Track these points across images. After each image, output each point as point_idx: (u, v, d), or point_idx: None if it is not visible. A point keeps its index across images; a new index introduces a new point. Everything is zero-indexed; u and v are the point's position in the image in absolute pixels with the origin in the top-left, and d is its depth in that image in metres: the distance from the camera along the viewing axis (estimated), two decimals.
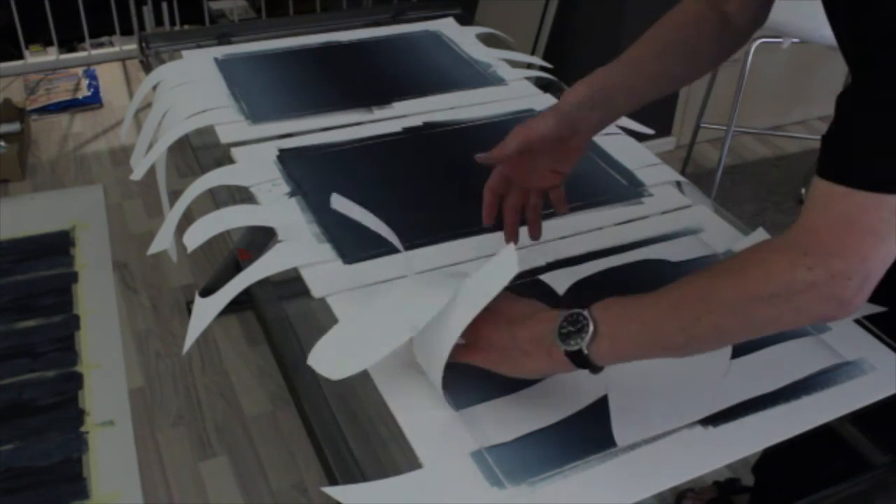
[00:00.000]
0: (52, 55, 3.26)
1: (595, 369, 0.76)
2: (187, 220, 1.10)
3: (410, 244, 1.07)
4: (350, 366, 0.82)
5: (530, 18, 2.68)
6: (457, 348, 0.81)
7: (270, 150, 1.26)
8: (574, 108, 0.93)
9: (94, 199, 2.48)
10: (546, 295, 0.99)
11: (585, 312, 0.74)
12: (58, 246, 2.24)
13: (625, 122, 1.40)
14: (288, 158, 1.24)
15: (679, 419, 0.83)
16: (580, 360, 0.75)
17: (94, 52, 3.32)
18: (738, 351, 0.92)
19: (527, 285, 1.01)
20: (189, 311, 2.00)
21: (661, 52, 0.97)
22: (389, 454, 0.81)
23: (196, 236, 1.06)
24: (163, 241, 1.15)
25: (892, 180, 0.63)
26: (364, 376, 0.87)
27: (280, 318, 1.00)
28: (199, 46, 1.63)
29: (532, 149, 0.94)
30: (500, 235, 1.09)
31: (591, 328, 0.73)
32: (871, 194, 0.63)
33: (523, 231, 1.11)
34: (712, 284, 0.70)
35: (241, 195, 1.17)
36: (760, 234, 1.11)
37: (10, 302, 2.03)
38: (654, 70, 0.96)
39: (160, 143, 1.33)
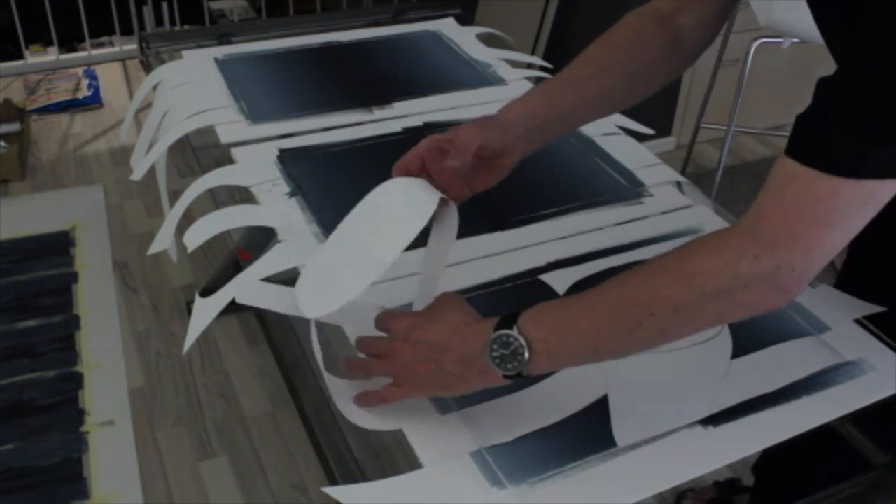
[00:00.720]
0: (52, 55, 3.26)
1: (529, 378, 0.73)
2: (187, 220, 1.10)
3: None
4: (327, 305, 0.81)
5: (530, 18, 2.68)
6: (384, 388, 0.79)
7: (270, 150, 1.26)
8: (516, 125, 0.87)
9: (94, 199, 2.48)
10: (546, 295, 0.99)
11: (515, 333, 0.70)
12: (58, 246, 2.24)
13: (625, 122, 1.40)
14: (288, 158, 1.24)
15: (679, 419, 0.83)
16: (518, 377, 0.72)
17: (95, 52, 3.32)
18: (738, 351, 0.92)
19: (527, 285, 1.01)
20: (189, 311, 2.00)
21: (603, 72, 0.91)
22: (389, 454, 0.81)
23: (196, 236, 1.06)
24: (163, 241, 1.15)
25: (855, 166, 0.61)
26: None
27: (280, 318, 1.00)
28: (200, 46, 1.63)
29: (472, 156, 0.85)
30: (499, 236, 1.10)
31: (527, 352, 0.70)
32: (831, 179, 0.61)
33: (525, 231, 1.11)
34: (651, 288, 0.68)
35: (241, 195, 1.17)
36: None
37: (10, 302, 2.03)
38: (595, 91, 0.91)
39: (160, 144, 1.33)
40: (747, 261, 0.64)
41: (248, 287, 0.93)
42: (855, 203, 0.62)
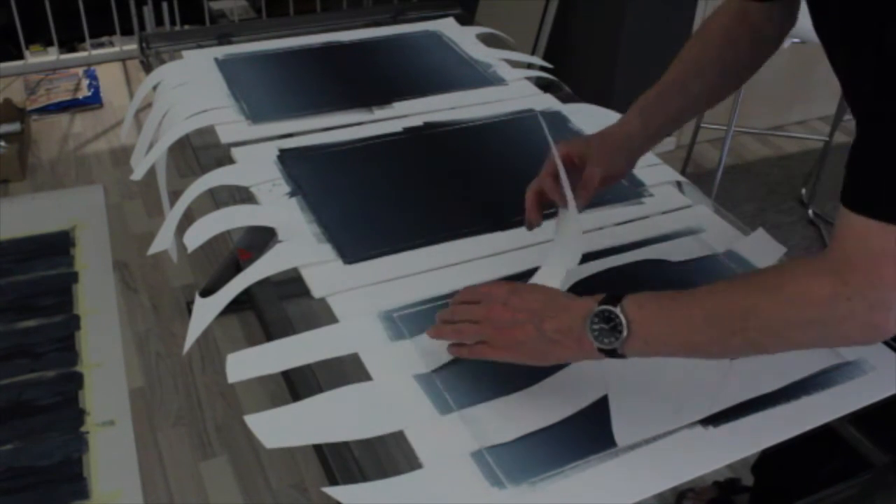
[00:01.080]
0: (52, 55, 3.26)
1: (622, 357, 0.77)
2: (187, 220, 1.10)
3: (411, 244, 1.07)
4: (287, 439, 0.80)
5: (530, 18, 2.68)
6: (478, 347, 0.82)
7: (270, 150, 1.26)
8: (636, 139, 0.97)
9: (94, 199, 2.48)
10: None
11: (618, 311, 0.74)
12: (58, 246, 2.24)
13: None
14: (288, 158, 1.24)
15: (679, 419, 0.83)
16: (611, 354, 0.76)
17: (95, 52, 3.32)
18: None
19: None
20: (189, 311, 2.00)
21: (700, 72, 0.98)
22: (389, 454, 0.81)
23: (196, 236, 1.06)
24: (163, 241, 1.15)
25: None
26: (364, 377, 0.87)
27: (280, 318, 1.00)
28: (200, 46, 1.63)
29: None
30: (499, 236, 1.10)
31: (626, 331, 0.74)
32: None
33: (525, 231, 1.11)
34: (750, 301, 0.70)
35: (241, 195, 1.17)
36: (760, 234, 1.11)
37: (11, 302, 2.02)
38: (695, 90, 0.98)
39: (160, 144, 1.33)
40: (841, 301, 0.67)
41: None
42: None
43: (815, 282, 0.68)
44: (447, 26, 1.75)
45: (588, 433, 0.81)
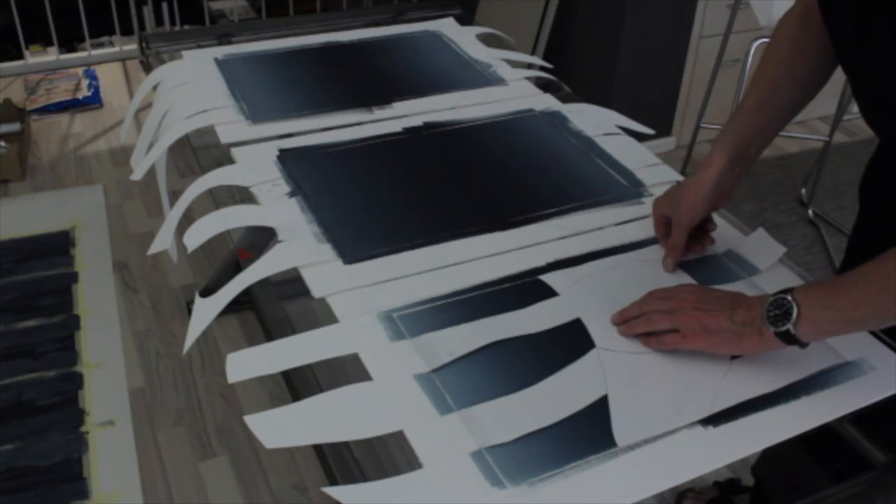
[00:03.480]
0: (52, 55, 3.26)
1: (802, 345, 0.83)
2: (187, 220, 1.10)
3: (411, 244, 1.07)
4: (287, 439, 0.81)
5: (530, 18, 2.68)
6: (669, 336, 0.89)
7: (270, 150, 1.26)
8: (724, 174, 1.02)
9: (94, 199, 2.48)
10: (546, 295, 0.99)
11: (789, 297, 0.82)
12: (58, 246, 2.24)
13: (625, 122, 1.40)
14: (288, 158, 1.24)
15: (679, 419, 0.83)
16: (788, 339, 0.83)
17: (95, 52, 3.32)
18: None
19: (527, 285, 1.01)
20: (189, 311, 2.00)
21: (777, 88, 1.01)
22: (389, 454, 0.81)
23: (196, 236, 1.06)
24: (163, 241, 1.15)
25: None
26: (364, 377, 0.87)
27: (280, 318, 1.00)
28: (200, 46, 1.63)
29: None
30: (499, 236, 1.10)
31: (795, 312, 0.81)
32: None
33: (525, 231, 1.11)
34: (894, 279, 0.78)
35: (241, 195, 1.17)
36: (760, 234, 1.11)
37: (11, 302, 2.03)
38: (776, 106, 1.01)
39: (160, 144, 1.33)
40: None
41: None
42: None
43: None
44: (447, 26, 1.75)
45: (588, 433, 0.81)
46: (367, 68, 1.56)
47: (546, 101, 1.46)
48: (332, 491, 0.75)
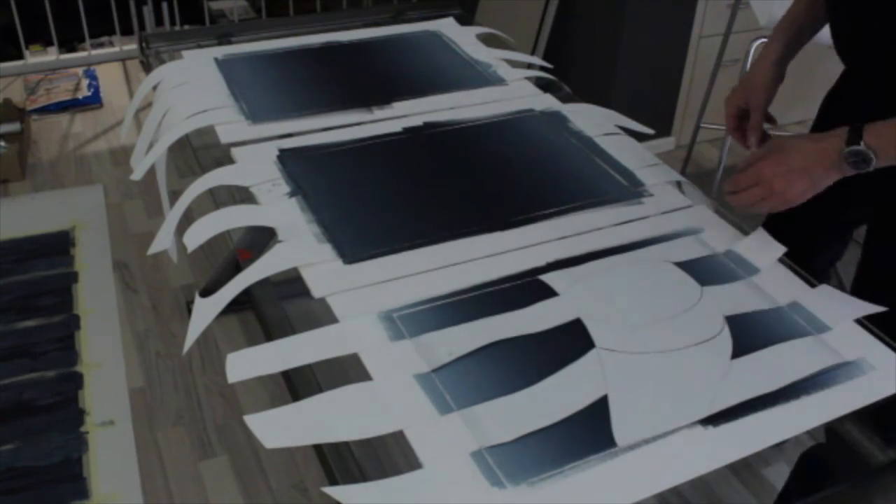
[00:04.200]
0: (52, 55, 3.26)
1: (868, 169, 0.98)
2: (187, 220, 1.10)
3: (411, 244, 1.07)
4: (287, 439, 0.81)
5: (530, 18, 2.68)
6: (764, 201, 1.05)
7: (270, 150, 1.26)
8: (781, 59, 1.19)
9: (94, 199, 2.48)
10: (546, 295, 0.99)
11: (863, 148, 0.97)
12: (58, 246, 2.24)
13: (625, 121, 1.40)
14: (288, 158, 1.24)
15: (679, 419, 0.83)
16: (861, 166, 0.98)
17: (95, 52, 3.32)
18: (738, 351, 0.92)
19: (527, 285, 1.01)
20: (189, 311, 2.00)
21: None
22: (389, 454, 0.81)
23: (196, 236, 1.06)
24: (163, 241, 1.15)
25: None
26: (364, 377, 0.87)
27: (280, 318, 1.00)
28: (200, 46, 1.63)
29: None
30: (499, 236, 1.10)
31: (875, 159, 0.96)
32: None
33: (525, 231, 1.11)
34: None
35: (241, 195, 1.17)
36: (760, 234, 1.11)
37: (10, 302, 2.02)
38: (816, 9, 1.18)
39: (160, 144, 1.33)
40: None
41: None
42: None
43: None
44: (447, 26, 1.75)
45: (588, 433, 0.81)
46: (367, 68, 1.56)
47: (546, 101, 1.46)
48: (332, 491, 0.75)
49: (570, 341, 0.92)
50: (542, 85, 1.54)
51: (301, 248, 1.05)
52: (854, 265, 1.22)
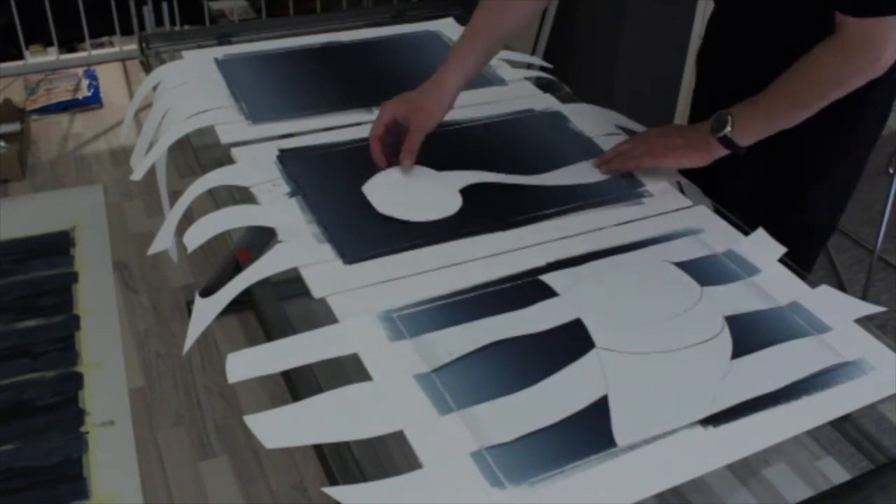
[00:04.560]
0: (52, 55, 3.26)
1: (739, 150, 1.13)
2: (187, 220, 1.10)
3: (411, 244, 1.07)
4: (287, 439, 0.81)
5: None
6: (642, 156, 1.20)
7: (270, 150, 1.26)
8: (456, 92, 1.20)
9: (94, 199, 2.48)
10: (546, 295, 0.99)
11: (725, 111, 1.12)
12: (58, 246, 2.24)
13: (625, 122, 1.40)
14: (288, 158, 1.24)
15: (679, 419, 0.83)
16: (729, 144, 1.13)
17: (95, 52, 3.32)
18: (738, 351, 0.92)
19: (527, 285, 1.01)
20: (189, 311, 2.00)
21: (498, 24, 1.23)
22: (389, 454, 0.81)
23: (196, 236, 1.06)
24: (163, 241, 1.15)
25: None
26: (364, 377, 0.87)
27: (280, 318, 1.00)
28: (200, 46, 1.63)
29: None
30: (499, 236, 1.10)
31: (730, 124, 1.11)
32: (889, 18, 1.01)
33: (525, 231, 1.11)
34: (799, 89, 1.09)
35: (241, 195, 1.17)
36: (760, 234, 1.11)
37: (10, 302, 2.02)
38: (500, 33, 1.24)
39: (160, 144, 1.33)
40: (846, 66, 1.05)
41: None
42: None
43: (829, 62, 1.06)
44: (447, 26, 1.75)
45: (588, 433, 0.81)
46: (367, 68, 1.56)
47: (546, 101, 1.46)
48: (332, 491, 0.75)
49: (570, 341, 0.92)
50: (542, 85, 1.54)
51: (301, 248, 1.05)
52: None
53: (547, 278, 1.02)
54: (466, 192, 1.18)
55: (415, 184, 1.17)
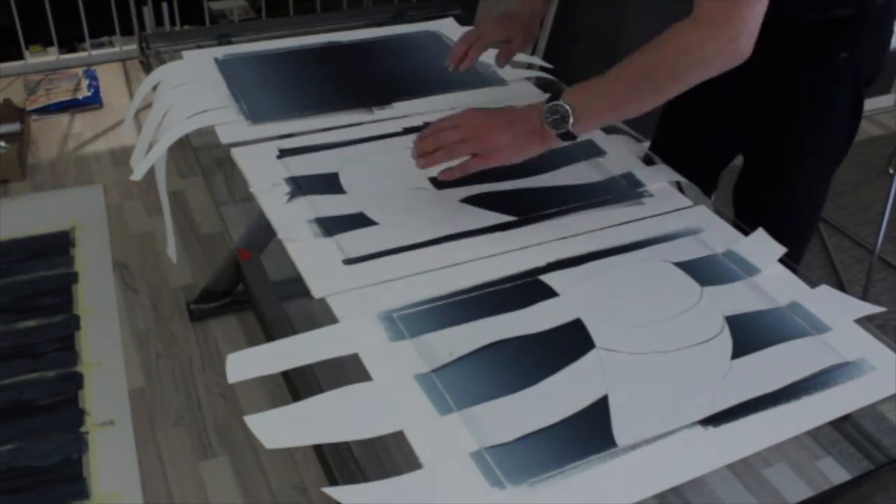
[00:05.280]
0: (52, 55, 3.26)
1: (575, 139, 1.04)
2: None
3: (412, 245, 1.07)
4: (287, 439, 0.81)
5: None
6: (469, 161, 1.05)
7: (270, 150, 1.26)
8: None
9: (94, 199, 2.47)
10: (546, 295, 0.99)
11: (562, 103, 1.02)
12: (58, 246, 2.24)
13: (624, 123, 1.40)
14: (288, 158, 1.24)
15: (679, 419, 0.83)
16: (567, 137, 1.03)
17: (94, 52, 3.32)
18: (738, 351, 0.92)
19: (527, 285, 1.01)
20: (189, 311, 2.00)
21: None
22: (389, 454, 0.81)
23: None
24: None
25: None
26: (364, 377, 0.87)
27: (280, 318, 1.00)
28: (200, 47, 1.63)
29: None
30: (499, 236, 1.10)
31: (571, 116, 1.01)
32: None
33: (525, 231, 1.11)
34: (650, 64, 1.02)
35: (242, 195, 1.17)
36: (760, 234, 1.11)
37: (10, 302, 2.02)
38: None
39: (160, 144, 1.33)
40: (709, 43, 0.98)
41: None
42: None
43: (687, 35, 1.00)
44: (447, 26, 1.75)
45: (588, 433, 0.81)
46: (367, 68, 1.56)
47: None
48: (332, 491, 0.75)
49: (570, 341, 0.92)
50: (542, 85, 1.54)
51: (301, 247, 1.04)
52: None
53: (547, 278, 1.02)
54: (467, 190, 1.18)
55: (417, 204, 1.17)
